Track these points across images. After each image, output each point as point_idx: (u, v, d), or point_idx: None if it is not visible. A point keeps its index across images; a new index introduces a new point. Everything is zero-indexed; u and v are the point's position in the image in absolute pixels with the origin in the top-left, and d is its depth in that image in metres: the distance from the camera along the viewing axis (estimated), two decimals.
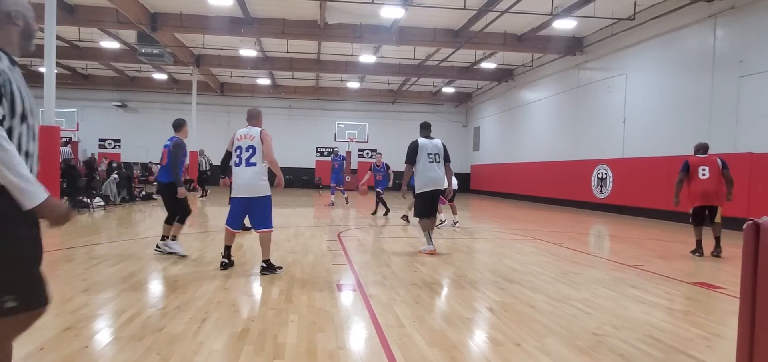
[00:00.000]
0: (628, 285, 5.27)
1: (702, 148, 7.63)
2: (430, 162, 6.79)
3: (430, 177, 6.80)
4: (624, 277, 5.71)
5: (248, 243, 7.40)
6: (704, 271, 6.28)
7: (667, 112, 13.42)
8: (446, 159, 6.98)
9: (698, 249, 7.41)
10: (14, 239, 1.81)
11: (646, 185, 13.86)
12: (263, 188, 5.29)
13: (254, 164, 5.22)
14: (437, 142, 6.99)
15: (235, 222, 5.41)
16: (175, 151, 6.17)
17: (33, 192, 1.76)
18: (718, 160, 7.39)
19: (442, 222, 10.51)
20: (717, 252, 7.20)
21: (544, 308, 4.29)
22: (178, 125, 6.51)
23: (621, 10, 13.79)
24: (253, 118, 5.51)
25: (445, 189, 6.95)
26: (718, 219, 7.36)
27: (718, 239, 7.30)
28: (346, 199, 15.92)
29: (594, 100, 16.84)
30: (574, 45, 17.15)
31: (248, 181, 5.23)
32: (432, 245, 6.90)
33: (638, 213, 14.14)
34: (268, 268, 5.27)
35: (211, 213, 12.31)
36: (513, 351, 3.23)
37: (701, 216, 7.44)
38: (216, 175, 8.35)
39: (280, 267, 5.44)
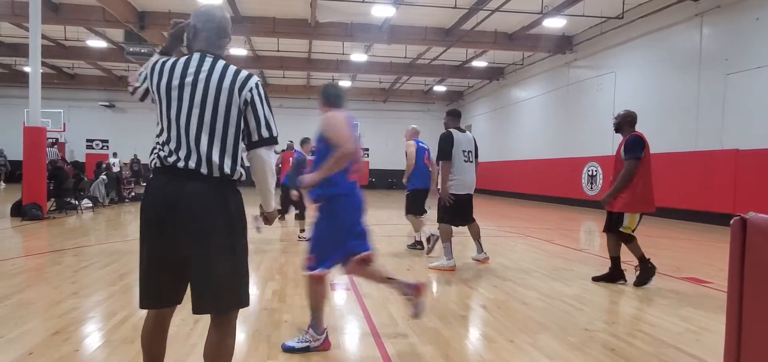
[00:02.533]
0: (619, 281, 5.32)
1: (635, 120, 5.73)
2: (464, 160, 5.74)
3: (463, 179, 5.73)
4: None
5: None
6: (692, 266, 6.37)
7: (656, 110, 13.56)
8: (476, 156, 6.00)
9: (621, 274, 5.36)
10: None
11: None
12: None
13: None
14: (470, 135, 5.96)
15: None
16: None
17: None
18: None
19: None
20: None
21: (536, 304, 4.32)
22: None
23: (609, 9, 13.91)
24: None
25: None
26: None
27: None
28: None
29: (584, 98, 16.97)
30: (563, 43, 17.26)
31: None
32: (452, 260, 5.68)
33: None
34: None
35: None
36: (506, 347, 3.26)
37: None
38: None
39: None
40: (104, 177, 13.68)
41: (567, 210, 15.74)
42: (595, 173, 16.05)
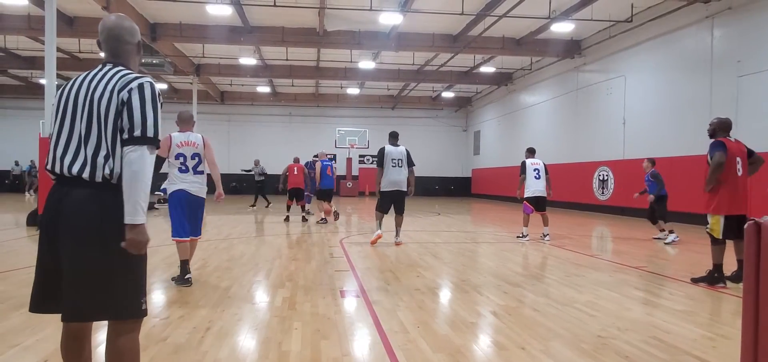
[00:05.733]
0: (632, 287, 5.27)
1: (728, 127, 5.45)
2: (393, 166, 7.92)
3: (391, 180, 7.91)
4: (627, 279, 5.71)
5: (250, 250, 7.41)
6: (703, 271, 6.26)
7: (667, 113, 13.44)
8: (409, 163, 8.06)
9: (721, 277, 5.25)
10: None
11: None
12: (203, 192, 5.18)
13: (202, 173, 5.11)
14: (402, 148, 8.10)
15: (184, 230, 5.02)
16: None
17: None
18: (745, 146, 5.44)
19: (524, 236, 9.35)
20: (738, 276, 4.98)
21: (548, 311, 4.29)
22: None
23: (618, 13, 13.84)
24: (187, 122, 5.18)
25: (405, 192, 8.04)
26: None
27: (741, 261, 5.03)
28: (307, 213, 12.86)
29: (593, 102, 16.87)
30: (572, 48, 17.19)
31: (198, 185, 5.09)
32: (380, 230, 8.05)
33: (640, 215, 14.11)
34: (182, 279, 4.99)
35: (227, 221, 12.28)
36: (518, 354, 3.23)
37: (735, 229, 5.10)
38: (270, 183, 9.61)
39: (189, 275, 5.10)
40: None
41: (578, 215, 15.61)
42: (606, 177, 15.91)
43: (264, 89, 26.06)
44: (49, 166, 2.06)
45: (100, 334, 3.12)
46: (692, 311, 4.36)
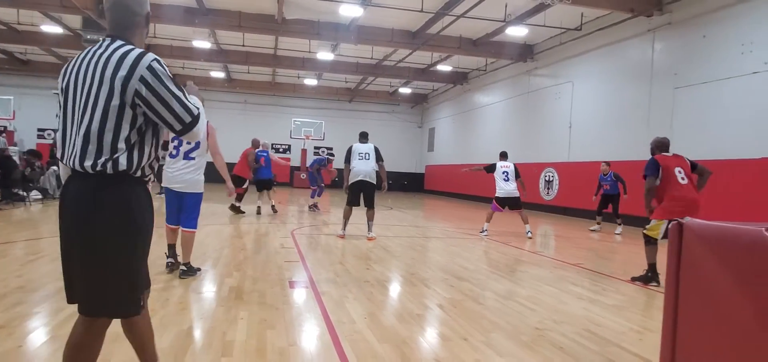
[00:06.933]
0: (570, 282, 5.55)
1: (665, 145, 5.96)
2: (359, 159, 8.13)
3: (357, 170, 8.10)
4: (566, 275, 6.00)
5: (199, 237, 7.22)
6: (637, 270, 6.67)
7: (610, 119, 14.14)
8: (378, 158, 8.21)
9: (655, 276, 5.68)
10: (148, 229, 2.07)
11: (590, 188, 14.52)
12: (199, 184, 4.93)
13: (194, 158, 4.84)
14: (370, 144, 8.31)
15: (172, 217, 5.00)
16: None
17: None
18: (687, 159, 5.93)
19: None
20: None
21: (491, 304, 4.45)
22: None
23: (569, 21, 14.40)
24: None
25: (372, 183, 8.13)
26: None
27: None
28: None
29: (543, 105, 17.49)
30: (525, 52, 17.74)
31: (185, 173, 4.82)
32: (343, 232, 8.26)
33: (582, 215, 14.81)
34: (188, 271, 4.89)
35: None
36: (460, 345, 3.35)
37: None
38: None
39: (199, 269, 5.12)
40: (55, 168, 13.09)
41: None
42: (551, 178, 16.55)
43: (218, 75, 25.32)
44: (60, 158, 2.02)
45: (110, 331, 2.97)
46: (623, 306, 4.65)
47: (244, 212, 11.17)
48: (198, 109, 2.02)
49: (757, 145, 9.68)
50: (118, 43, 1.96)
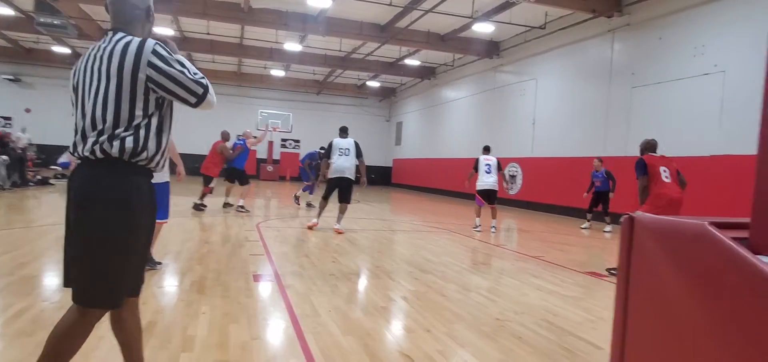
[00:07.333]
0: (530, 275, 5.71)
1: (653, 146, 6.23)
2: (339, 155, 8.22)
3: (337, 166, 8.20)
4: (526, 267, 6.18)
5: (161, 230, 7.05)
6: (594, 262, 6.95)
7: (570, 117, 14.55)
8: (358, 155, 8.31)
9: None
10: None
11: (552, 183, 14.96)
12: (164, 174, 4.73)
13: None
14: (350, 139, 8.40)
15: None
16: None
17: None
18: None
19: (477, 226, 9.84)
20: None
21: (453, 296, 4.54)
22: None
23: (534, 19, 14.71)
24: None
25: (351, 178, 8.24)
26: None
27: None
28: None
29: (508, 101, 17.83)
30: (491, 48, 18.01)
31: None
32: (316, 220, 8.42)
33: (544, 209, 15.23)
34: (148, 264, 4.62)
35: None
36: (423, 336, 3.41)
37: None
38: (186, 163, 9.39)
39: (160, 262, 5.02)
40: (5, 157, 12.47)
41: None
42: (515, 173, 16.92)
43: None
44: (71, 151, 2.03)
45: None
46: (580, 297, 4.83)
47: (206, 205, 10.73)
48: (205, 77, 2.11)
49: (708, 143, 10.18)
50: (120, 35, 2.01)
